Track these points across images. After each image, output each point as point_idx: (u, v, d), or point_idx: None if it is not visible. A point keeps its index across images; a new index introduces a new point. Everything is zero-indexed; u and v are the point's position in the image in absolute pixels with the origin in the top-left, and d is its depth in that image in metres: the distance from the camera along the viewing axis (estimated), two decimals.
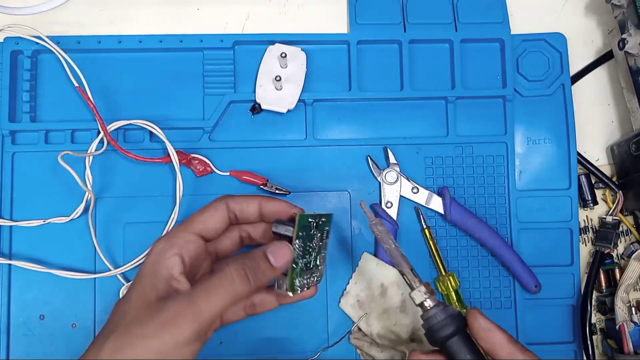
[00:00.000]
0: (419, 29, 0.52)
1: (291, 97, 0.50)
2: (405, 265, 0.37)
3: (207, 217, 0.40)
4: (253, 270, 0.37)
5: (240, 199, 0.41)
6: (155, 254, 0.37)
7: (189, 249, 0.38)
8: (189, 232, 0.39)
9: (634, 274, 0.49)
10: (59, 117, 0.50)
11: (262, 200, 0.41)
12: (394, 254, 0.38)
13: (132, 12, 0.53)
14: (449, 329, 0.34)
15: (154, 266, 0.37)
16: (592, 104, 0.55)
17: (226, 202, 0.41)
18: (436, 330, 0.35)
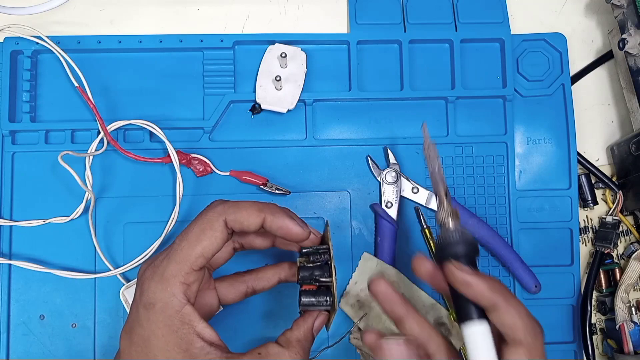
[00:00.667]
0: (419, 29, 0.52)
1: (291, 97, 0.50)
2: (441, 188, 0.36)
3: (207, 247, 0.34)
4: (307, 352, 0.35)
5: (242, 215, 0.35)
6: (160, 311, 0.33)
7: (192, 291, 0.34)
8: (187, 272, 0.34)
9: (634, 274, 0.49)
10: (59, 117, 0.50)
11: (267, 216, 0.35)
12: (435, 175, 0.37)
13: (132, 12, 0.53)
14: (458, 249, 0.34)
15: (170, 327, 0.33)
16: (592, 104, 0.55)
17: (224, 218, 0.35)
18: (446, 246, 0.34)
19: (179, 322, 0.33)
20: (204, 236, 0.34)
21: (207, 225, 0.34)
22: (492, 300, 0.32)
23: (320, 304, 0.34)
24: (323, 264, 0.34)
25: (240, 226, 0.35)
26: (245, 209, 0.35)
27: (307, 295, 0.34)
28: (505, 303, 0.32)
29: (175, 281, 0.33)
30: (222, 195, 0.49)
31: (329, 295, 0.34)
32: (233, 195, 0.49)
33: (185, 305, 0.33)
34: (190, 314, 0.33)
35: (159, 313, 0.33)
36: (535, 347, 0.32)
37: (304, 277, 0.34)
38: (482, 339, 0.33)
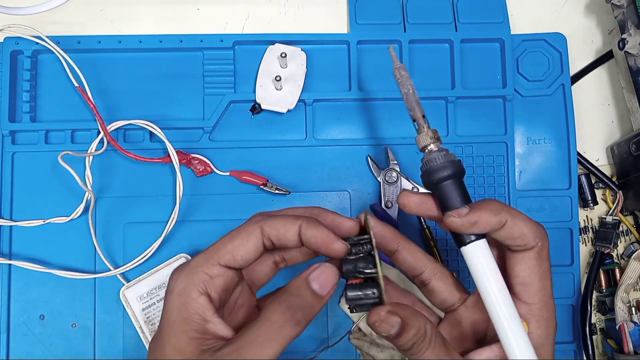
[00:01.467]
0: (419, 29, 0.52)
1: (291, 97, 0.50)
2: (417, 111, 0.35)
3: (238, 246, 0.33)
4: (299, 308, 0.31)
5: (278, 222, 0.33)
6: (177, 295, 0.32)
7: (215, 285, 0.33)
8: (212, 264, 0.33)
9: (634, 274, 0.49)
10: (59, 117, 0.50)
11: (303, 225, 0.33)
12: (410, 98, 0.36)
13: (132, 12, 0.53)
14: (444, 172, 0.33)
15: (181, 312, 0.32)
16: (592, 104, 0.55)
17: (261, 226, 0.33)
18: (432, 171, 0.33)
19: (192, 310, 0.32)
20: (237, 235, 0.33)
21: (242, 229, 0.34)
22: (500, 221, 0.32)
23: (368, 297, 0.32)
24: (366, 254, 0.33)
25: (276, 234, 0.33)
26: (282, 218, 0.33)
27: (353, 290, 0.32)
28: (511, 217, 0.32)
29: (198, 270, 0.33)
30: (222, 195, 0.49)
31: (376, 287, 0.32)
32: (233, 196, 0.50)
33: (202, 296, 0.32)
34: (205, 305, 0.32)
35: (175, 298, 0.32)
36: (543, 248, 0.33)
37: (348, 270, 0.33)
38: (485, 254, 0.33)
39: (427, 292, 0.37)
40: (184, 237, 0.49)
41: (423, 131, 0.35)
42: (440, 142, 0.34)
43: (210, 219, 0.49)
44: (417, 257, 0.37)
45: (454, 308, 0.37)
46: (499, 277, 0.32)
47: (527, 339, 0.32)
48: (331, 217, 0.35)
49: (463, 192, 0.33)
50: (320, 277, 0.32)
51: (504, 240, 0.33)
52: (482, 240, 0.33)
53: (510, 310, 0.32)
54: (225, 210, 0.50)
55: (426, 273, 0.36)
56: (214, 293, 0.33)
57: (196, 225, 0.49)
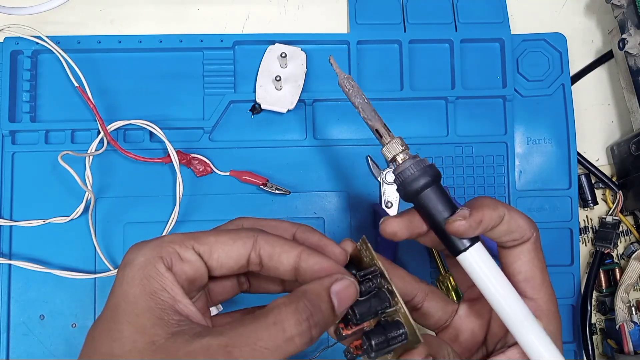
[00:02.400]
0: (419, 29, 0.52)
1: (291, 97, 0.50)
2: (377, 121, 0.33)
3: (221, 243, 0.28)
4: (317, 322, 0.26)
5: (276, 241, 0.29)
6: (139, 267, 0.26)
7: (183, 269, 0.27)
8: (186, 246, 0.27)
9: (634, 274, 0.49)
10: (59, 117, 0.50)
11: (304, 253, 0.28)
12: (366, 108, 0.33)
13: (132, 12, 0.53)
14: (422, 180, 0.31)
15: (145, 286, 0.26)
16: (592, 104, 0.55)
17: (256, 237, 0.28)
18: (409, 182, 0.31)
19: (159, 284, 0.26)
20: (225, 234, 0.28)
21: (234, 231, 0.29)
22: (500, 216, 0.30)
23: (396, 341, 0.27)
24: (377, 290, 0.29)
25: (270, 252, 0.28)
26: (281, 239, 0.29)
27: (376, 336, 0.27)
28: (507, 210, 0.31)
29: (168, 246, 0.27)
30: (222, 195, 0.49)
31: (401, 326, 0.27)
32: (233, 196, 0.50)
33: (169, 272, 0.26)
34: (173, 283, 0.26)
35: (136, 270, 0.26)
36: (537, 238, 0.32)
37: (363, 313, 0.28)
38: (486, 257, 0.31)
39: (420, 316, 0.34)
40: None
41: (388, 141, 0.32)
42: (408, 148, 0.32)
43: (210, 219, 0.49)
44: (407, 281, 0.33)
45: (447, 324, 0.34)
46: (504, 278, 0.31)
47: (549, 338, 0.30)
48: (317, 237, 0.31)
49: (446, 197, 0.31)
50: (344, 292, 0.27)
51: (502, 236, 0.31)
52: (478, 244, 0.31)
53: (525, 311, 0.30)
54: (225, 210, 0.50)
55: (418, 296, 0.33)
56: (180, 277, 0.27)
57: (196, 225, 0.49)
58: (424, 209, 0.31)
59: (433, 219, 0.31)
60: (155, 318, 0.25)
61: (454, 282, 0.49)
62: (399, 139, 0.32)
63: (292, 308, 0.26)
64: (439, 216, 0.31)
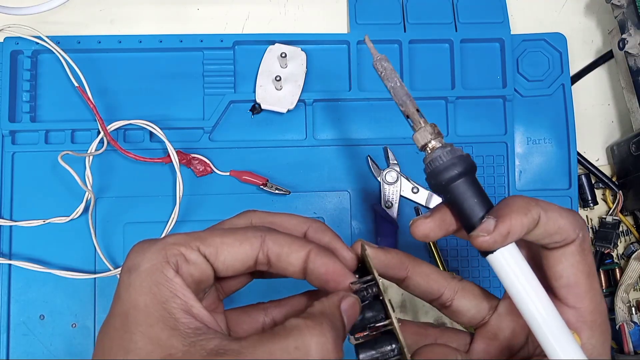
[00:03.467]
0: (419, 29, 0.52)
1: (291, 97, 0.50)
2: (410, 105, 0.30)
3: (227, 245, 0.27)
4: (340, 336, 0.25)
5: (285, 240, 0.28)
6: (146, 273, 0.25)
7: (190, 272, 0.26)
8: (192, 247, 0.26)
9: (634, 274, 0.49)
10: (59, 117, 0.50)
11: (313, 251, 0.27)
12: (399, 92, 0.31)
13: (132, 12, 0.53)
14: (454, 170, 0.28)
15: (155, 295, 0.25)
16: (592, 104, 0.55)
17: (264, 237, 0.27)
18: (439, 172, 0.28)
19: (169, 291, 0.25)
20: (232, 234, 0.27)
21: (241, 230, 0.28)
22: (533, 220, 0.27)
23: (386, 357, 0.26)
24: (372, 300, 0.27)
25: (278, 252, 0.27)
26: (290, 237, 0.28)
27: (365, 349, 0.26)
28: (543, 211, 0.27)
29: (173, 248, 0.26)
30: (222, 195, 0.49)
31: (393, 341, 0.26)
32: (233, 196, 0.50)
33: (178, 277, 0.25)
34: (184, 287, 0.25)
35: (143, 276, 0.25)
36: (585, 239, 0.28)
37: (354, 325, 0.27)
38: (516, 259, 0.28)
39: (451, 314, 0.32)
40: None
41: (420, 127, 0.30)
42: (442, 136, 0.30)
43: (210, 219, 0.49)
44: (432, 279, 0.31)
45: (485, 321, 0.31)
46: (536, 284, 0.27)
47: (582, 355, 0.27)
48: (329, 237, 0.30)
49: (479, 190, 0.29)
50: (350, 310, 0.27)
51: (540, 239, 0.28)
52: (511, 245, 0.28)
53: (557, 322, 0.27)
54: (225, 210, 0.50)
55: (446, 294, 0.31)
56: (188, 281, 0.26)
57: (196, 225, 0.49)
58: (454, 204, 0.29)
59: (462, 216, 0.28)
60: (170, 329, 0.24)
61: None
62: (432, 125, 0.30)
63: (317, 331, 0.24)
64: (469, 213, 0.28)
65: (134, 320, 0.24)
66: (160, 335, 0.24)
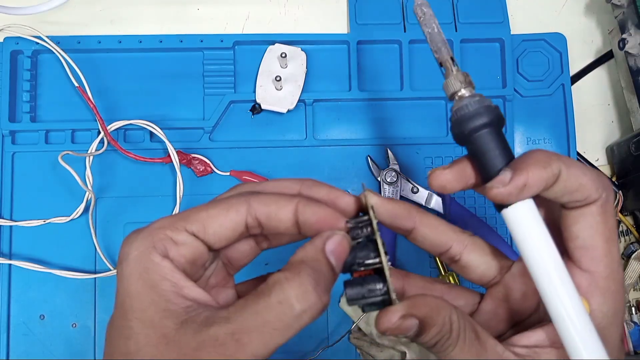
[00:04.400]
0: (418, 29, 0.51)
1: (291, 97, 0.50)
2: (444, 52, 0.30)
3: (213, 217, 0.26)
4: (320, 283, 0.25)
5: (270, 199, 0.27)
6: (134, 261, 0.26)
7: (180, 253, 0.26)
8: (177, 228, 0.26)
9: (634, 274, 0.49)
10: (59, 117, 0.50)
11: (300, 204, 0.27)
12: (435, 38, 0.30)
13: (132, 12, 0.53)
14: (479, 120, 0.27)
15: (145, 280, 0.25)
16: (592, 104, 0.55)
17: (248, 200, 0.27)
18: (463, 120, 0.27)
19: (158, 275, 0.25)
20: (216, 205, 0.27)
21: (224, 199, 0.27)
22: (553, 174, 0.26)
23: (373, 295, 0.26)
24: (366, 241, 0.27)
25: (266, 212, 0.27)
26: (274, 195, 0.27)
27: (352, 287, 0.26)
28: (565, 166, 0.26)
29: (159, 232, 0.26)
30: None
31: (382, 280, 0.26)
32: None
33: (165, 260, 0.26)
34: (172, 269, 0.25)
35: (132, 264, 0.26)
36: (608, 201, 0.26)
37: (347, 262, 0.27)
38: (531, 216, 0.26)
39: (460, 269, 0.31)
40: None
41: (451, 74, 0.29)
42: (473, 86, 0.29)
43: None
44: (440, 231, 0.30)
45: (496, 280, 0.30)
46: (549, 243, 0.26)
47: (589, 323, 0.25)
48: (325, 190, 0.29)
49: (503, 143, 0.27)
50: (338, 248, 0.26)
51: (559, 196, 0.26)
52: (528, 200, 0.26)
53: (565, 283, 0.25)
54: None
55: (455, 247, 0.30)
56: (178, 263, 0.26)
57: None
58: (475, 155, 0.27)
59: (482, 168, 0.27)
60: (162, 310, 0.25)
61: (456, 281, 0.49)
62: (464, 74, 0.29)
63: (296, 282, 0.24)
64: (489, 165, 0.27)
65: (129, 308, 0.25)
66: (153, 317, 0.24)
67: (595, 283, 0.27)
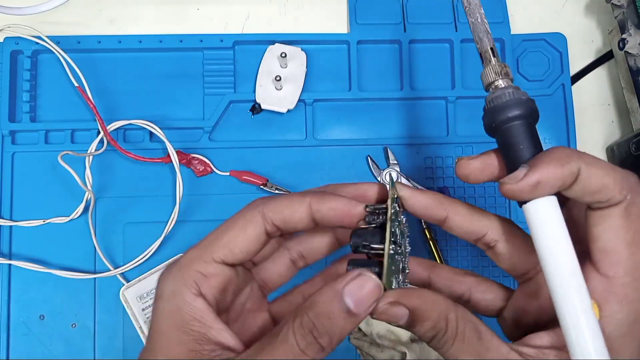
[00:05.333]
0: (419, 29, 0.52)
1: (291, 97, 0.50)
2: (485, 42, 0.29)
3: (234, 237, 0.28)
4: (326, 331, 0.25)
5: (281, 204, 0.28)
6: (167, 299, 0.27)
7: (211, 285, 0.27)
8: (206, 260, 0.27)
9: None
10: (59, 117, 0.50)
11: (313, 201, 0.28)
12: (478, 28, 0.30)
13: (132, 12, 0.53)
14: (510, 112, 0.27)
15: (175, 320, 0.26)
16: (592, 104, 0.55)
17: (261, 211, 0.28)
18: (495, 111, 0.27)
19: (188, 315, 0.26)
20: (234, 225, 0.28)
21: (239, 216, 0.28)
22: (571, 173, 0.25)
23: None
24: (379, 227, 0.27)
25: (281, 217, 0.28)
26: (286, 198, 0.28)
27: (354, 265, 0.27)
28: (585, 165, 0.25)
29: (189, 269, 0.27)
30: (222, 196, 0.49)
31: (379, 265, 0.26)
32: (233, 195, 0.50)
33: (198, 298, 0.27)
34: (203, 310, 0.27)
35: (165, 302, 0.27)
36: (632, 203, 0.25)
37: (356, 243, 0.27)
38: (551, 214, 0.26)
39: (493, 255, 0.30)
40: (184, 237, 0.49)
41: (489, 65, 0.28)
42: (510, 78, 0.28)
43: (210, 219, 0.49)
44: (475, 219, 0.29)
45: (530, 276, 0.29)
46: (565, 242, 0.25)
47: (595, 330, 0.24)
48: (352, 187, 0.29)
49: (532, 139, 0.27)
50: (359, 292, 0.25)
51: (580, 196, 0.26)
52: (549, 197, 0.25)
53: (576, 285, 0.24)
54: (225, 210, 0.49)
55: (489, 234, 0.29)
56: (211, 295, 0.27)
57: (196, 225, 0.49)
58: (502, 147, 0.27)
59: (507, 161, 0.27)
60: (188, 351, 0.26)
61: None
62: (502, 65, 0.28)
63: (297, 323, 0.25)
64: (513, 159, 0.26)
65: (158, 345, 0.27)
66: (178, 357, 0.26)
67: (612, 289, 0.25)
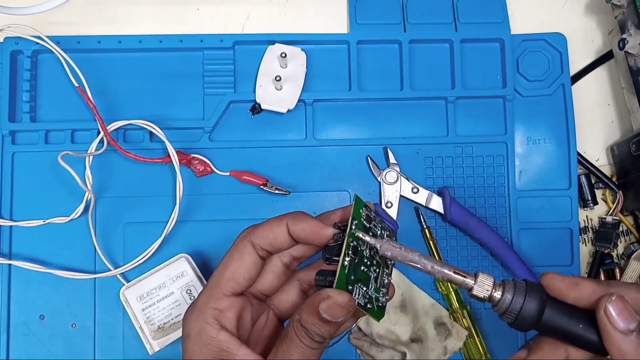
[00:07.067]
0: (419, 29, 0.52)
1: (291, 97, 0.50)
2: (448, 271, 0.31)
3: (235, 270, 0.33)
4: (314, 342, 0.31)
5: (265, 230, 0.33)
6: (195, 339, 0.32)
7: (228, 317, 0.32)
8: (218, 297, 0.33)
9: (634, 274, 0.49)
10: (59, 117, 0.50)
11: (290, 222, 0.33)
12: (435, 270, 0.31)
13: (132, 12, 0.53)
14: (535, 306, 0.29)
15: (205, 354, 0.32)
16: (592, 104, 0.54)
17: (250, 240, 0.33)
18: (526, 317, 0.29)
19: (217, 348, 0.32)
20: (231, 260, 0.33)
21: (233, 250, 0.34)
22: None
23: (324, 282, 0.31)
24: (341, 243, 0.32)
25: (267, 242, 0.33)
26: (268, 224, 0.33)
27: (320, 275, 0.32)
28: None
29: (206, 308, 0.32)
30: (222, 195, 0.49)
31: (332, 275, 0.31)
32: (233, 195, 0.50)
33: (221, 332, 0.32)
34: (228, 341, 0.32)
35: (194, 342, 0.32)
36: None
37: (324, 256, 0.32)
38: None
39: None
40: (184, 237, 0.49)
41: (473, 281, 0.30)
42: (493, 278, 0.31)
43: (210, 219, 0.49)
44: None
45: None
46: None
47: None
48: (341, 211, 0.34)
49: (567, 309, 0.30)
50: (331, 308, 0.30)
51: None
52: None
53: None
54: (225, 210, 0.50)
55: None
56: (231, 326, 0.32)
57: (196, 225, 0.49)
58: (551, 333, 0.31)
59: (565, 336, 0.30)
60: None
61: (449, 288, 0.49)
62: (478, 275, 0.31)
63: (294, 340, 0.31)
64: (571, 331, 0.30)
65: None
66: None
67: None
